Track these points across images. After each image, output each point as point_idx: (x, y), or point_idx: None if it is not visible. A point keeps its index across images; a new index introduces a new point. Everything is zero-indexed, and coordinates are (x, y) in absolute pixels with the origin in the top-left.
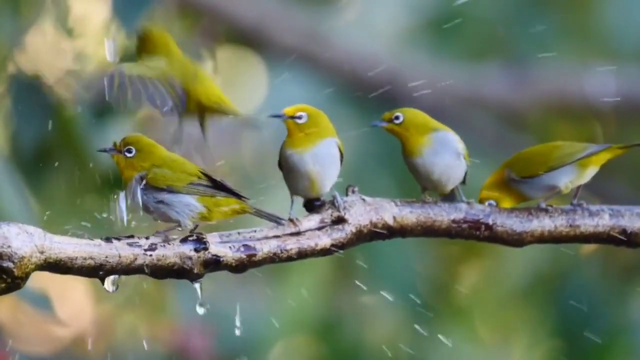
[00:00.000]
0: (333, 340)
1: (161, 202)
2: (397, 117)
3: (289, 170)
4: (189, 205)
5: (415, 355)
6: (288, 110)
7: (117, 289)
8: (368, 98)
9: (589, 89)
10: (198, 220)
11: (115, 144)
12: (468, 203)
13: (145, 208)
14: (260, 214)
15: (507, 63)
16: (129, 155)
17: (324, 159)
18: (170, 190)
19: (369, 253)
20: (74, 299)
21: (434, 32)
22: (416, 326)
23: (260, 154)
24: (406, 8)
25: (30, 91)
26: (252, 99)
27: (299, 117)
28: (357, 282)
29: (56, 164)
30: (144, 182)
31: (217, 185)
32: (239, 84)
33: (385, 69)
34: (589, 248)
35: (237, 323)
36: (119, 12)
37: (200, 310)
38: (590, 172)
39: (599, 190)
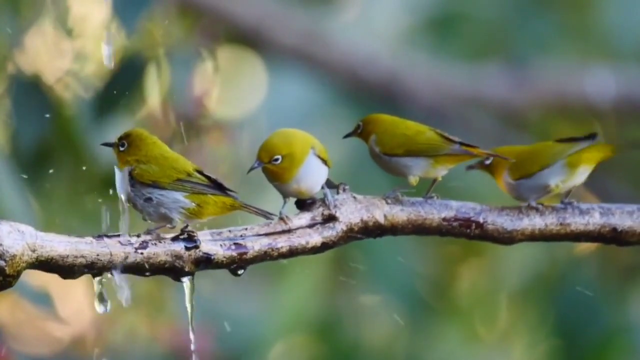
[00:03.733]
0: (332, 340)
1: (149, 199)
2: (275, 159)
3: (277, 189)
4: (177, 202)
5: (415, 355)
6: (262, 155)
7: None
8: (368, 98)
9: (589, 89)
10: (188, 217)
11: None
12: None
13: (134, 205)
14: (250, 209)
15: (507, 63)
16: (122, 149)
17: (307, 177)
18: (156, 186)
19: (368, 253)
20: (74, 298)
21: (434, 32)
22: (415, 326)
23: None
24: (406, 8)
25: (30, 91)
26: (252, 99)
27: (275, 160)
28: (356, 282)
29: (56, 163)
30: (131, 177)
31: (210, 183)
32: (239, 84)
33: (385, 69)
34: (587, 248)
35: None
36: (119, 12)
37: (189, 307)
38: (582, 171)
39: (598, 189)
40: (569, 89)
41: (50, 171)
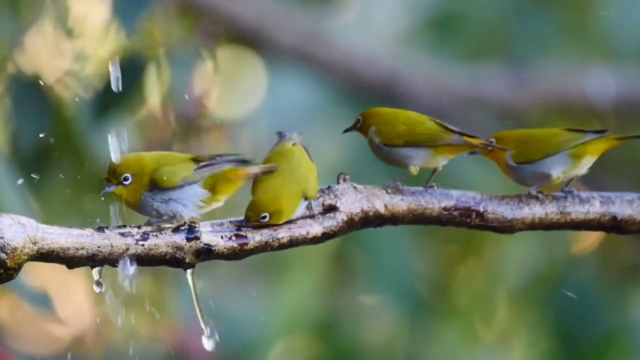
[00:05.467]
0: (332, 340)
1: (170, 199)
2: (263, 217)
3: None
4: (196, 194)
5: (414, 355)
6: (249, 214)
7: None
8: (368, 98)
9: (589, 89)
10: (207, 206)
11: (109, 178)
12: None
13: (157, 214)
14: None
15: (507, 63)
16: (126, 183)
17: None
18: (185, 183)
19: (368, 253)
20: (74, 299)
21: (434, 32)
22: (415, 326)
23: (260, 154)
24: (406, 8)
25: (30, 91)
26: (252, 99)
27: (263, 218)
28: (356, 282)
29: (56, 163)
30: (153, 187)
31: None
32: (239, 84)
33: (385, 69)
34: (588, 247)
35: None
36: (119, 12)
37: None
38: (586, 162)
39: (596, 185)
40: (569, 89)
41: (55, 164)
